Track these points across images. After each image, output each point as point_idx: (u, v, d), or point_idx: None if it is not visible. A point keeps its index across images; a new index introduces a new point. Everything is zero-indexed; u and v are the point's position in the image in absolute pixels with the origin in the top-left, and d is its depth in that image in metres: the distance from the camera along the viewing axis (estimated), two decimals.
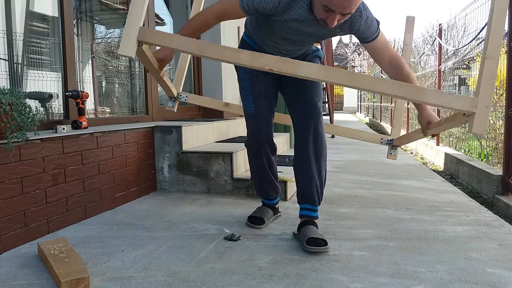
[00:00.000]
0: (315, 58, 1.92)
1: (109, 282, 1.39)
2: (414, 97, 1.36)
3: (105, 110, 2.99)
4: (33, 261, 1.58)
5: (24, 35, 2.33)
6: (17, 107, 1.65)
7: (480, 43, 4.42)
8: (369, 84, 1.38)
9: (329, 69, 1.39)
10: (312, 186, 1.80)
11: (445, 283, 1.38)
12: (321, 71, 1.38)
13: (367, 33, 1.62)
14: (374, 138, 2.25)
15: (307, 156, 1.80)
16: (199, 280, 1.40)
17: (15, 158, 1.71)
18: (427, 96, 1.36)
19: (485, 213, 2.25)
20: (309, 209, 1.82)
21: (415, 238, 1.83)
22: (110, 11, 3.26)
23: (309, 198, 1.81)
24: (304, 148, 1.80)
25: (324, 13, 1.44)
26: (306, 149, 1.80)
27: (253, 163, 2.03)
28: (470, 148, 4.32)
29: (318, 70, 1.38)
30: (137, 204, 2.46)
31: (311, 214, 1.82)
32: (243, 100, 1.92)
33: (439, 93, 1.40)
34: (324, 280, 1.40)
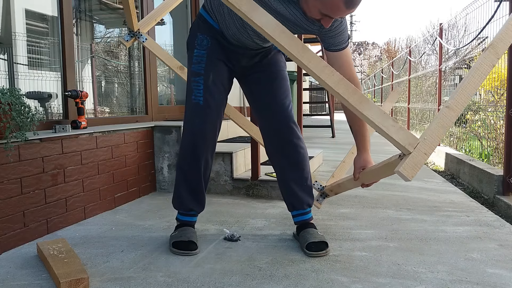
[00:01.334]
0: (278, 54, 1.81)
1: (108, 283, 1.38)
2: (355, 103, 1.23)
3: (105, 110, 2.99)
4: (32, 261, 1.57)
5: (23, 35, 2.32)
6: (16, 107, 1.64)
7: (481, 43, 4.42)
8: (315, 66, 1.25)
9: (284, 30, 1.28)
10: (297, 193, 1.76)
11: (445, 283, 1.37)
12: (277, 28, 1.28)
13: (337, 38, 1.54)
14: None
15: (285, 169, 1.75)
16: (198, 281, 1.39)
17: (14, 158, 1.71)
18: (368, 110, 1.23)
19: (486, 213, 2.24)
20: (301, 214, 1.78)
21: (416, 238, 1.83)
22: (110, 10, 3.25)
23: (298, 205, 1.78)
24: (281, 160, 1.75)
25: (320, 16, 1.38)
26: (283, 161, 1.74)
27: (187, 168, 1.70)
28: (471, 148, 4.31)
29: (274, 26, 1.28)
30: (137, 204, 2.45)
31: (304, 218, 1.78)
32: (191, 88, 1.66)
33: (383, 113, 1.26)
34: (325, 280, 1.39)
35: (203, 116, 1.65)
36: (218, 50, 1.68)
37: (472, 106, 4.38)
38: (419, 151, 1.21)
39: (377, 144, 6.15)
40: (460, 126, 4.55)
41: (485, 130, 3.97)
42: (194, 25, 1.73)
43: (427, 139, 1.23)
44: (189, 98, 1.67)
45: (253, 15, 1.29)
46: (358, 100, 1.24)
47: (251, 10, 1.30)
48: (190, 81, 1.67)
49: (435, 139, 1.24)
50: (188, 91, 1.68)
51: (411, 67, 6.81)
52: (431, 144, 1.23)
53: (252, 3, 1.30)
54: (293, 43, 1.28)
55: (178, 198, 1.75)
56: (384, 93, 10.34)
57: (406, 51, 7.23)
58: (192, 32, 1.72)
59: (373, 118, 1.23)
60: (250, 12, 1.29)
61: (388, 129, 1.23)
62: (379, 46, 25.94)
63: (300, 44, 1.29)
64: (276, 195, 2.51)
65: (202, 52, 1.66)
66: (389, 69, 9.35)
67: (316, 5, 1.34)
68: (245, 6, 1.29)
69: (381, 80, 10.87)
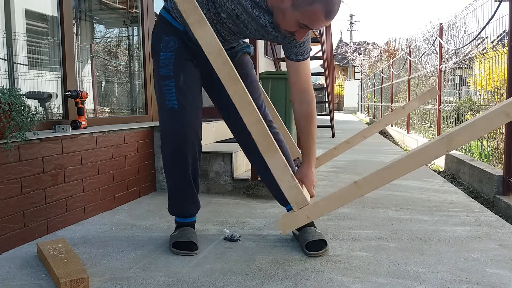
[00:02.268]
0: (245, 55, 1.78)
1: (108, 283, 1.38)
2: (262, 149, 1.26)
3: (105, 110, 2.99)
4: (32, 261, 1.57)
5: (23, 35, 2.32)
6: (16, 107, 1.64)
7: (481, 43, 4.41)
8: (239, 99, 1.27)
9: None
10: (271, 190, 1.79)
11: (445, 283, 1.37)
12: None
13: (300, 48, 1.55)
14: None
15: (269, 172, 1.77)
16: (198, 281, 1.39)
17: (14, 158, 1.71)
18: (271, 159, 1.25)
19: (486, 213, 2.24)
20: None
21: (416, 238, 1.83)
22: (110, 10, 3.25)
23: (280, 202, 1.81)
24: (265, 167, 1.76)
25: (297, 27, 1.38)
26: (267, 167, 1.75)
27: (174, 175, 1.68)
28: (470, 148, 4.31)
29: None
30: (137, 204, 2.45)
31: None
32: (162, 93, 1.60)
33: (284, 167, 1.25)
34: (325, 280, 1.39)
35: (181, 120, 1.58)
36: (185, 51, 1.62)
37: (472, 106, 4.38)
38: (302, 213, 1.26)
39: (376, 144, 6.15)
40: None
41: None
42: (157, 28, 1.65)
43: (319, 205, 1.26)
44: (162, 103, 1.60)
45: (197, 29, 1.28)
46: (266, 147, 1.26)
47: (196, 23, 1.29)
48: (160, 86, 1.60)
49: (326, 208, 1.26)
50: (160, 96, 1.61)
51: (411, 67, 6.81)
52: (319, 211, 1.26)
53: (201, 18, 1.28)
54: (225, 70, 1.29)
55: (172, 205, 1.75)
56: (384, 93, 10.34)
57: (406, 51, 7.23)
58: (156, 35, 1.64)
59: (273, 168, 1.25)
60: (195, 24, 1.29)
61: (283, 183, 1.26)
62: (379, 46, 25.91)
63: (231, 74, 1.29)
64: None
65: (169, 54, 1.60)
66: (389, 69, 9.35)
67: (296, 16, 1.34)
68: (192, 18, 1.29)
69: (381, 80, 10.87)
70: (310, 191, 1.62)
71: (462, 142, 1.15)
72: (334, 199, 1.25)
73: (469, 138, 1.15)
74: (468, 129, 1.14)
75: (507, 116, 1.09)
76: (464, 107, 4.53)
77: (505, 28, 3.07)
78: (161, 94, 1.61)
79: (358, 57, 27.12)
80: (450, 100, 5.19)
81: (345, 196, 1.24)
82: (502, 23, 3.22)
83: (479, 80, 4.36)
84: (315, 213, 1.26)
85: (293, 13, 1.34)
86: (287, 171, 1.25)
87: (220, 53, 1.28)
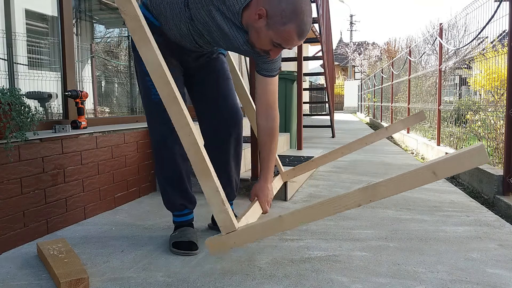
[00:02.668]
0: (221, 54, 1.84)
1: (108, 283, 1.38)
2: (197, 172, 1.30)
3: (105, 110, 2.99)
4: (32, 261, 1.57)
5: (23, 35, 2.32)
6: (16, 107, 1.64)
7: (481, 43, 4.41)
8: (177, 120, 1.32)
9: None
10: (233, 186, 1.87)
11: (445, 283, 1.37)
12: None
13: (271, 65, 1.60)
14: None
15: (228, 164, 1.83)
16: (199, 281, 1.39)
17: (14, 158, 1.71)
18: (205, 182, 1.30)
19: (485, 213, 2.24)
20: (231, 204, 1.90)
21: (416, 238, 1.83)
22: (110, 10, 3.25)
23: (231, 197, 1.91)
24: (225, 158, 1.81)
25: (271, 46, 1.41)
26: (227, 159, 1.81)
27: (167, 168, 1.67)
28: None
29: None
30: (137, 204, 2.45)
31: (232, 208, 1.91)
32: (147, 88, 1.61)
33: (216, 191, 1.30)
34: (325, 280, 1.39)
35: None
36: (166, 48, 1.61)
37: (472, 106, 4.38)
38: (229, 238, 1.30)
39: (376, 144, 6.15)
40: (460, 126, 4.55)
41: (485, 130, 3.97)
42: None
43: (244, 234, 1.29)
44: (147, 97, 1.62)
45: (141, 46, 1.33)
46: (200, 170, 1.30)
47: (141, 41, 1.33)
48: (146, 81, 1.61)
49: (250, 237, 1.29)
50: (145, 90, 1.62)
51: (411, 67, 6.81)
52: (244, 239, 1.30)
53: (145, 36, 1.32)
54: (166, 90, 1.33)
55: (169, 201, 1.74)
56: (384, 93, 10.34)
57: (406, 51, 7.23)
58: None
59: (206, 191, 1.29)
60: (140, 42, 1.33)
61: (214, 206, 1.29)
62: (379, 46, 25.91)
63: (172, 94, 1.33)
64: (276, 195, 2.51)
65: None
66: (389, 69, 9.35)
67: (270, 35, 1.37)
68: (137, 36, 1.33)
69: (381, 80, 10.87)
70: (263, 207, 1.67)
71: (387, 194, 1.16)
72: (258, 230, 1.29)
73: (395, 191, 1.15)
74: (396, 182, 1.15)
75: (435, 175, 1.09)
76: (464, 107, 4.53)
77: (505, 28, 3.07)
78: (146, 89, 1.62)
79: (358, 57, 27.12)
80: (450, 100, 5.19)
81: (269, 229, 1.29)
82: (502, 23, 3.22)
83: (479, 80, 4.36)
84: (240, 240, 1.31)
85: (267, 32, 1.37)
86: (218, 195, 1.29)
87: (161, 75, 1.32)
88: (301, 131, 4.29)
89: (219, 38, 1.53)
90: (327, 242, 1.78)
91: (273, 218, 1.28)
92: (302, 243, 1.76)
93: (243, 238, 1.30)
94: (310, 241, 1.79)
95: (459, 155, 1.07)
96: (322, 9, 6.41)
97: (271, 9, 1.33)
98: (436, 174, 1.09)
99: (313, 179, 3.27)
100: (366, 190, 1.17)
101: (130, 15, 1.31)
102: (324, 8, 6.60)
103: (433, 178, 1.09)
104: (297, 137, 4.30)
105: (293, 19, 1.32)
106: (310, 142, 6.40)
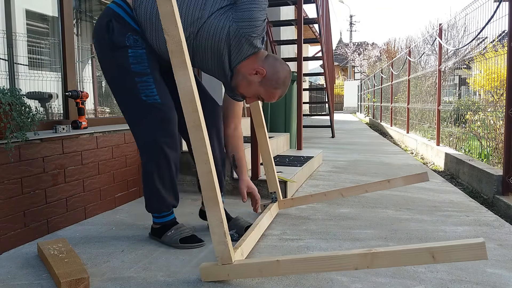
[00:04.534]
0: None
1: (109, 282, 1.38)
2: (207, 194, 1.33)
3: (105, 110, 2.99)
4: (33, 261, 1.58)
5: (24, 35, 2.32)
6: (17, 107, 1.65)
7: (480, 43, 4.42)
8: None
9: None
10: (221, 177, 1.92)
11: (445, 283, 1.37)
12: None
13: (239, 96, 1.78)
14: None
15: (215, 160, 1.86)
16: (199, 281, 1.40)
17: (14, 158, 1.71)
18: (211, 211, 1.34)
19: (485, 213, 2.25)
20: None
21: (416, 238, 1.83)
22: None
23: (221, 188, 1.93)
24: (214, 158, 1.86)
25: (254, 98, 1.66)
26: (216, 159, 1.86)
27: (162, 169, 1.67)
28: (470, 148, 4.32)
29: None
30: (137, 204, 2.46)
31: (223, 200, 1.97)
32: (136, 89, 1.59)
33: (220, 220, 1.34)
34: (324, 280, 1.40)
35: (167, 113, 1.61)
36: (152, 52, 1.63)
37: (472, 107, 4.39)
38: (224, 269, 1.34)
39: (376, 144, 6.16)
40: (460, 126, 4.56)
41: (485, 130, 3.98)
42: (117, 23, 1.59)
43: (240, 269, 1.33)
44: (136, 98, 1.59)
45: (178, 69, 1.34)
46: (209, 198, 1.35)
47: (179, 64, 1.34)
48: (135, 82, 1.58)
49: (245, 274, 1.33)
50: (134, 91, 1.59)
51: (410, 68, 6.81)
52: (239, 274, 1.34)
53: (184, 61, 1.33)
54: (193, 117, 1.35)
55: (159, 202, 1.72)
56: (383, 93, 10.34)
57: (405, 52, 7.23)
58: (118, 30, 1.58)
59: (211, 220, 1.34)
60: (177, 65, 1.34)
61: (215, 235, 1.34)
62: (378, 47, 25.92)
63: (197, 122, 1.35)
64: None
65: (140, 51, 1.59)
66: (389, 70, 9.36)
67: (259, 91, 1.63)
68: (176, 59, 1.34)
69: (380, 80, 10.87)
70: (256, 195, 1.99)
71: (384, 265, 1.19)
72: (254, 270, 1.33)
73: (392, 264, 1.18)
74: (395, 256, 1.17)
75: (433, 259, 1.13)
76: (464, 107, 4.54)
77: (505, 28, 3.08)
78: (135, 89, 1.59)
79: (358, 57, 27.13)
80: (449, 100, 5.19)
81: (264, 270, 1.32)
82: (502, 23, 3.22)
83: (479, 80, 4.37)
84: (234, 274, 1.34)
85: (258, 87, 1.63)
86: (222, 227, 1.33)
87: (192, 100, 1.33)
88: (301, 131, 4.30)
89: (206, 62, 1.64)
90: (327, 241, 1.78)
91: (270, 260, 1.31)
92: (302, 243, 1.77)
93: (238, 273, 1.34)
94: (310, 241, 1.79)
95: (459, 246, 1.10)
96: (322, 9, 6.42)
97: (270, 73, 1.61)
98: (435, 258, 1.12)
99: (313, 179, 3.27)
100: (365, 256, 1.19)
101: (174, 39, 1.33)
102: (324, 9, 6.61)
103: (431, 260, 1.13)
104: (297, 137, 4.31)
105: (282, 87, 1.66)
106: (310, 142, 6.41)
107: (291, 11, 10.05)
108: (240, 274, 1.34)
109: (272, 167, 2.21)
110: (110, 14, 1.61)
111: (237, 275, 1.34)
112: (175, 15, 1.33)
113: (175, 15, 1.32)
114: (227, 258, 1.34)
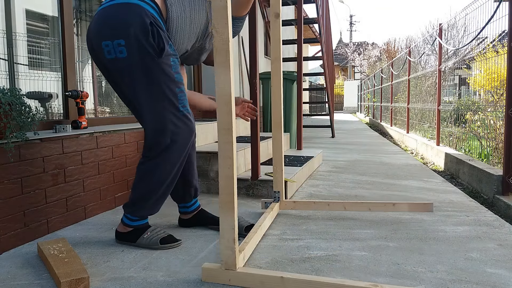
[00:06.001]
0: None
1: (109, 282, 1.39)
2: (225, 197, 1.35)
3: (105, 110, 2.99)
4: (33, 261, 1.58)
5: (23, 35, 2.32)
6: (17, 107, 1.65)
7: (480, 43, 4.42)
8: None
9: None
10: (196, 184, 1.96)
11: (445, 283, 1.37)
12: None
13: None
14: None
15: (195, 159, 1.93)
16: (199, 281, 1.40)
17: (14, 158, 1.71)
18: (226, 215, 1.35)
19: (485, 213, 2.25)
20: (196, 200, 2.00)
21: (415, 238, 1.83)
22: None
23: (196, 193, 1.98)
24: (194, 154, 1.93)
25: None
26: (194, 154, 1.93)
27: (174, 176, 1.70)
28: (470, 148, 4.32)
29: None
30: None
31: (198, 203, 2.02)
32: (176, 98, 1.60)
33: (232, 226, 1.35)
34: None
35: (192, 126, 1.69)
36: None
37: (472, 106, 4.39)
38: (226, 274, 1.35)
39: (376, 144, 6.15)
40: (460, 126, 4.56)
41: (485, 130, 3.98)
42: (158, 27, 1.54)
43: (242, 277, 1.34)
44: (174, 109, 1.60)
45: (221, 69, 1.31)
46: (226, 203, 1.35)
47: (222, 63, 1.31)
48: (176, 92, 1.60)
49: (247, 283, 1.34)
50: (172, 101, 1.59)
51: (410, 67, 6.81)
52: (240, 282, 1.35)
53: (227, 60, 1.31)
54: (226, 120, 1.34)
55: (151, 207, 1.72)
56: (383, 93, 10.34)
57: (405, 51, 7.23)
58: (160, 36, 1.55)
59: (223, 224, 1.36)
60: (220, 64, 1.31)
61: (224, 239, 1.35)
62: (378, 46, 25.91)
63: (228, 125, 1.34)
64: None
65: (176, 60, 1.63)
66: (389, 69, 9.36)
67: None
68: (220, 57, 1.31)
69: (380, 80, 10.87)
70: (245, 100, 2.01)
71: None
72: (256, 281, 1.34)
73: None
74: None
75: None
76: (464, 107, 4.54)
77: (505, 28, 3.08)
78: (174, 99, 1.60)
79: (358, 57, 27.12)
80: (449, 100, 5.19)
81: (267, 284, 1.33)
82: (502, 23, 3.22)
83: (479, 80, 4.37)
84: (236, 280, 1.36)
85: None
86: (233, 233, 1.34)
87: (228, 103, 1.31)
88: (301, 131, 4.30)
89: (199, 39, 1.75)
90: (327, 241, 1.78)
91: (274, 275, 1.32)
92: (302, 243, 1.77)
93: (240, 280, 1.35)
94: (310, 241, 1.79)
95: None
96: (322, 9, 6.42)
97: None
98: None
99: (313, 179, 3.27)
100: None
101: (222, 37, 1.28)
102: (324, 9, 6.61)
103: None
104: (297, 137, 4.30)
105: None
106: (310, 142, 6.41)
107: (291, 11, 10.05)
108: (241, 282, 1.35)
109: (281, 167, 2.20)
110: (149, 15, 1.52)
111: (239, 282, 1.35)
112: (228, 11, 1.27)
113: (227, 10, 1.26)
114: (231, 264, 1.35)
